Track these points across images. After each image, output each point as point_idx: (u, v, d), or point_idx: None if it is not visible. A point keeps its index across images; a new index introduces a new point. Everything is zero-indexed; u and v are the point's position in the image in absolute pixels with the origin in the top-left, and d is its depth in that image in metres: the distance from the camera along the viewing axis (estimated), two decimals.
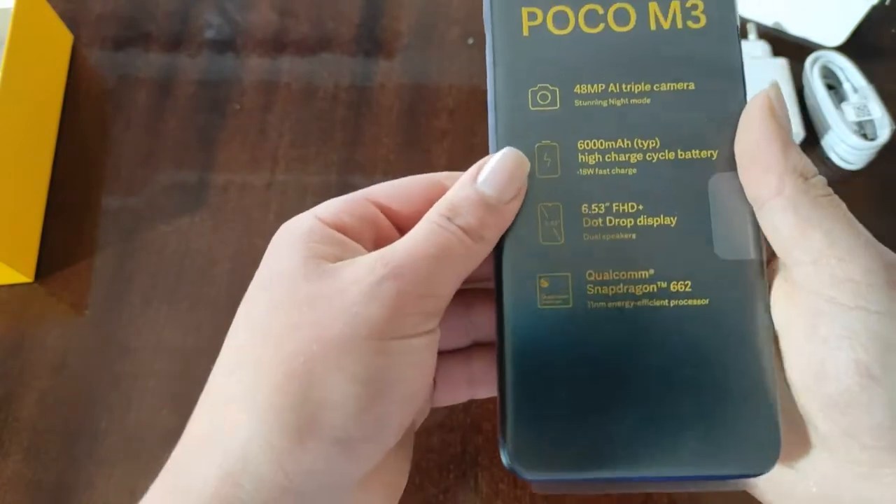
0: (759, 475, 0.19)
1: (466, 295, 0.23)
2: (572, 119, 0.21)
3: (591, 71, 0.21)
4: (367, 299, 0.18)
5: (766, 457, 0.19)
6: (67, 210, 0.51)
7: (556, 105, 0.21)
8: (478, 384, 0.24)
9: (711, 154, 0.20)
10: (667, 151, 0.21)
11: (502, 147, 0.21)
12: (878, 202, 0.49)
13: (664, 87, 0.21)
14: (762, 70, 0.51)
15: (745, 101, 0.21)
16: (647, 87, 0.21)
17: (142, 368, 0.46)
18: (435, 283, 0.19)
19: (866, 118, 0.49)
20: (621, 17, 0.21)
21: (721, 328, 0.20)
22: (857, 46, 0.52)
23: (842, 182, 0.50)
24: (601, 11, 0.21)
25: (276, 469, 0.17)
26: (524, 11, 0.21)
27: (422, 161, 0.51)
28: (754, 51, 0.52)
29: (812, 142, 0.51)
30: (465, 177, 0.20)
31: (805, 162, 0.19)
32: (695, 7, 0.21)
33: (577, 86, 0.21)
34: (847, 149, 0.49)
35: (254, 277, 0.21)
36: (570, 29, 0.21)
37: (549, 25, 0.21)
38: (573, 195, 0.20)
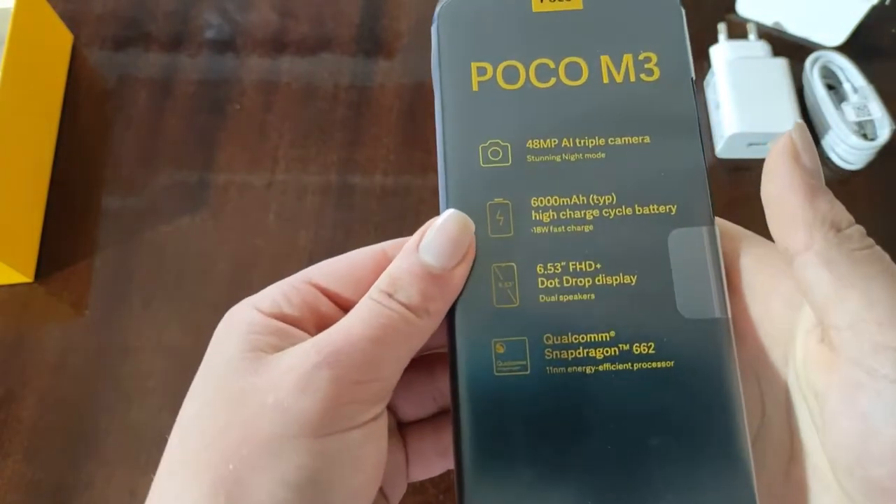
0: None
1: (429, 360, 0.22)
2: (525, 175, 0.20)
3: (544, 126, 0.20)
4: (299, 391, 0.17)
5: None
6: (67, 210, 0.51)
7: (507, 161, 0.20)
8: (451, 454, 0.22)
9: (670, 209, 0.20)
10: (624, 207, 0.20)
11: (451, 206, 0.20)
12: (878, 202, 0.49)
13: (619, 141, 0.20)
14: (762, 70, 0.51)
15: (702, 153, 0.20)
16: (602, 141, 0.20)
17: (142, 368, 0.46)
18: (376, 367, 0.18)
19: (866, 118, 0.49)
20: (573, 71, 0.21)
21: (688, 391, 0.19)
22: (857, 46, 0.53)
23: (842, 182, 0.50)
24: (552, 66, 0.21)
25: None
26: (473, 66, 0.21)
27: (422, 161, 0.51)
28: (754, 51, 0.52)
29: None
30: (407, 246, 0.19)
31: (837, 211, 0.18)
32: (648, 60, 0.21)
33: (530, 141, 0.20)
34: (847, 149, 0.49)
35: (198, 371, 0.20)
36: (520, 84, 0.21)
37: (500, 80, 0.21)
38: (527, 254, 0.20)
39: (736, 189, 0.49)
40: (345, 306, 0.20)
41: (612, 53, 0.21)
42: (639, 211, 0.20)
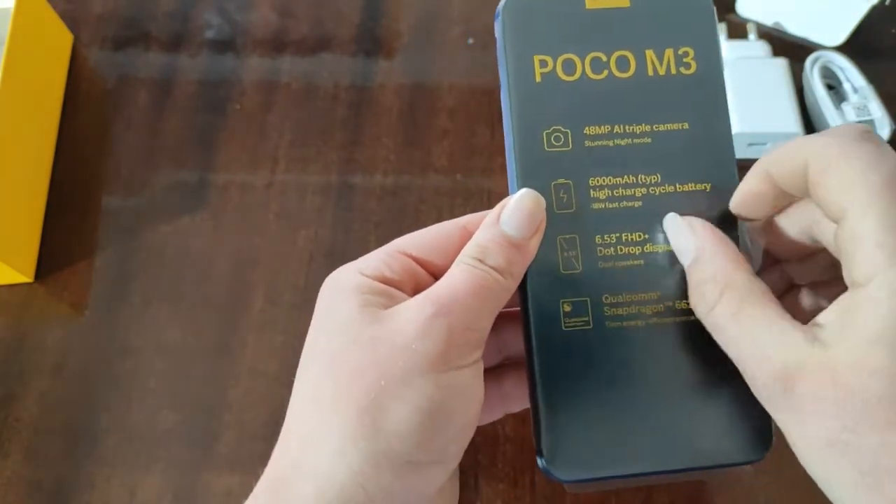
0: (755, 462, 0.22)
1: (495, 319, 0.25)
2: (583, 158, 0.23)
3: (598, 114, 0.23)
4: (423, 336, 0.20)
5: (760, 447, 0.22)
6: (67, 210, 0.51)
7: (568, 146, 0.23)
8: (510, 399, 0.26)
9: (706, 186, 0.23)
10: (667, 185, 0.23)
11: (521, 186, 0.23)
12: None
13: (662, 127, 0.23)
14: (762, 70, 0.51)
15: (731, 138, 0.23)
16: (648, 127, 0.23)
17: (142, 368, 0.46)
18: (478, 318, 0.21)
19: (866, 118, 0.49)
20: (622, 64, 0.23)
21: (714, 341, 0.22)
22: (857, 46, 0.53)
23: None
24: (604, 59, 0.23)
25: (360, 490, 0.20)
26: (536, 59, 0.23)
27: (422, 161, 0.51)
28: (754, 51, 0.52)
29: None
30: (488, 219, 0.22)
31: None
32: (686, 54, 0.23)
33: (587, 128, 0.23)
34: None
35: (311, 328, 0.22)
36: (577, 76, 0.23)
37: (559, 72, 0.23)
38: (587, 227, 0.23)
39: None
40: (434, 272, 0.23)
41: (656, 48, 0.23)
42: (679, 189, 0.23)
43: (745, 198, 0.22)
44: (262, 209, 0.50)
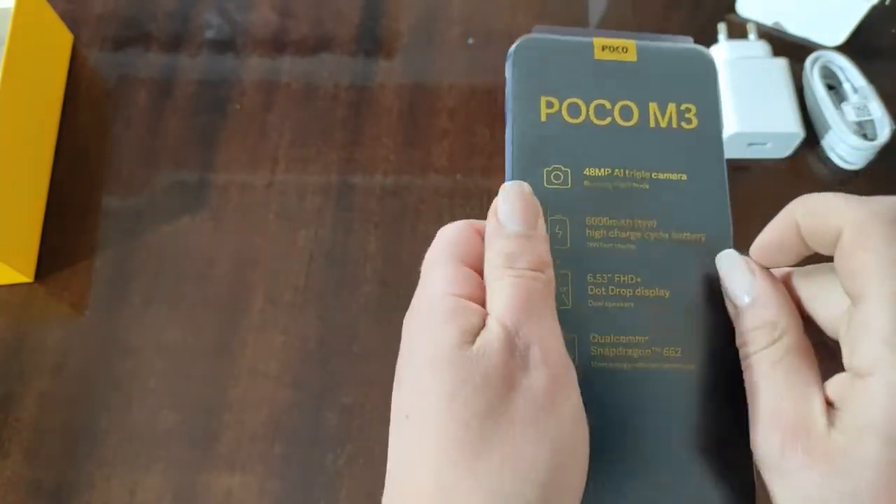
0: None
1: None
2: (581, 197, 0.23)
3: (599, 157, 0.24)
4: (527, 366, 0.19)
5: None
6: (67, 210, 0.51)
7: (567, 184, 0.23)
8: None
9: (699, 237, 0.23)
10: (662, 232, 0.23)
11: None
12: None
13: (661, 175, 0.24)
14: (762, 70, 0.51)
15: (727, 193, 0.24)
16: (647, 174, 0.24)
17: (142, 368, 0.46)
18: (552, 327, 0.20)
19: (866, 118, 0.49)
20: (626, 113, 0.24)
21: (707, 392, 0.22)
22: (857, 46, 0.53)
23: (842, 182, 0.50)
24: (608, 107, 0.24)
25: None
26: (543, 99, 0.24)
27: (422, 161, 0.51)
28: (754, 51, 0.52)
29: (812, 142, 0.51)
30: (491, 230, 0.22)
31: None
32: (688, 111, 0.24)
33: (587, 169, 0.23)
34: (847, 149, 0.49)
35: (409, 355, 0.21)
36: (581, 119, 0.24)
37: (564, 114, 0.24)
38: (580, 265, 0.23)
39: (736, 189, 0.49)
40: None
41: (660, 101, 0.24)
42: (674, 237, 0.23)
43: (768, 243, 0.22)
44: (262, 209, 0.50)
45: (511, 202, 0.22)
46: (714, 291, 0.23)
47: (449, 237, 0.22)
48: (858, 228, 0.19)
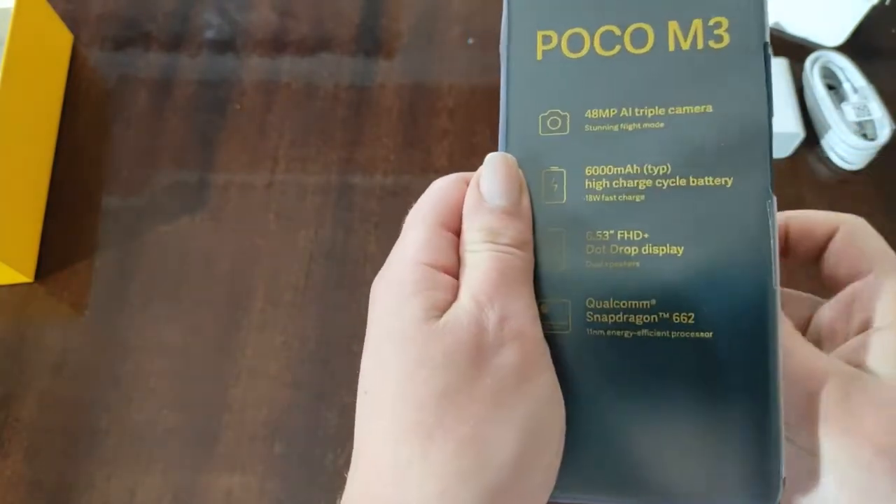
0: None
1: None
2: (581, 145, 0.20)
3: (604, 95, 0.20)
4: (499, 346, 0.19)
5: (767, 492, 0.19)
6: (67, 210, 0.51)
7: (565, 130, 0.20)
8: None
9: (725, 181, 0.19)
10: (678, 178, 0.20)
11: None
12: (879, 202, 0.49)
13: (679, 110, 0.20)
14: None
15: (767, 124, 0.19)
16: (662, 111, 0.20)
17: (142, 368, 0.46)
18: (530, 305, 0.20)
19: (866, 118, 0.49)
20: (639, 38, 0.20)
21: (726, 363, 0.19)
22: (857, 46, 0.53)
23: (842, 182, 0.50)
24: (618, 33, 0.20)
25: None
26: (539, 35, 0.21)
27: (422, 161, 0.51)
28: None
29: (812, 142, 0.51)
30: (471, 204, 0.20)
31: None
32: (718, 25, 0.20)
33: (589, 111, 0.20)
34: (847, 149, 0.49)
35: (373, 330, 0.20)
36: (584, 52, 0.21)
37: (564, 49, 0.21)
38: (578, 221, 0.20)
39: None
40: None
41: (681, 18, 0.20)
42: (693, 182, 0.20)
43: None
44: (262, 209, 0.50)
45: (495, 175, 0.20)
46: (742, 245, 0.19)
47: (436, 194, 0.21)
48: (857, 224, 0.22)
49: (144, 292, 0.48)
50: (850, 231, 0.22)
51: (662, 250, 0.20)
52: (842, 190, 0.49)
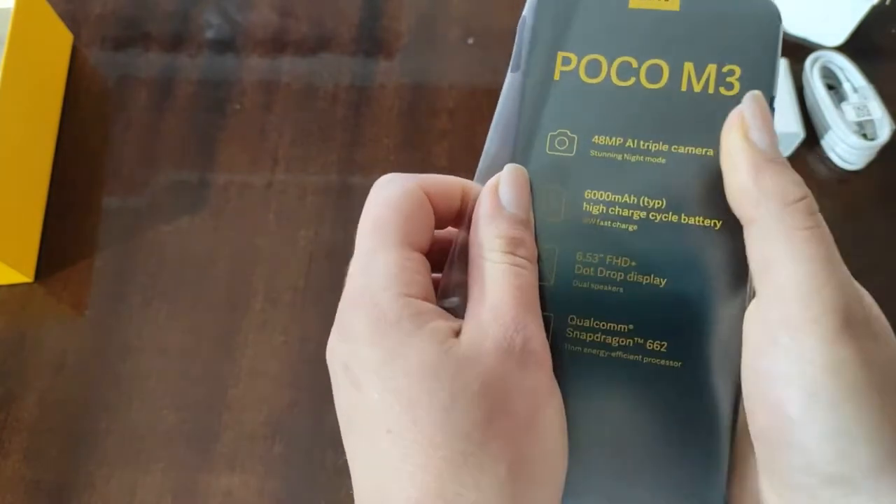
0: None
1: None
2: (584, 168, 0.21)
3: (613, 123, 0.21)
4: (524, 366, 0.19)
5: None
6: (67, 210, 0.51)
7: (571, 152, 0.21)
8: None
9: (714, 223, 0.20)
10: (671, 213, 0.20)
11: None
12: (878, 202, 0.49)
13: (682, 149, 0.21)
14: None
15: None
16: (665, 147, 0.21)
17: (142, 368, 0.46)
18: (541, 325, 0.20)
19: (866, 118, 0.49)
20: (654, 73, 0.21)
21: (689, 393, 0.20)
22: (857, 46, 0.53)
23: (842, 182, 0.50)
24: (635, 65, 0.21)
25: None
26: (560, 56, 0.21)
27: (422, 161, 0.51)
28: None
29: (812, 142, 0.51)
30: (489, 211, 0.20)
31: (784, 183, 0.18)
32: (731, 73, 0.21)
33: (596, 136, 0.21)
34: (847, 149, 0.49)
35: (370, 379, 0.19)
36: (600, 79, 0.21)
37: (581, 73, 0.21)
38: (570, 241, 0.21)
39: None
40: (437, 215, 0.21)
41: (697, 61, 0.21)
42: (684, 220, 0.20)
43: None
44: (262, 209, 0.50)
45: (514, 184, 0.20)
46: (720, 286, 0.20)
47: (396, 205, 0.20)
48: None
49: (144, 292, 0.48)
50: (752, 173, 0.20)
51: (646, 280, 0.20)
52: (842, 190, 0.49)
